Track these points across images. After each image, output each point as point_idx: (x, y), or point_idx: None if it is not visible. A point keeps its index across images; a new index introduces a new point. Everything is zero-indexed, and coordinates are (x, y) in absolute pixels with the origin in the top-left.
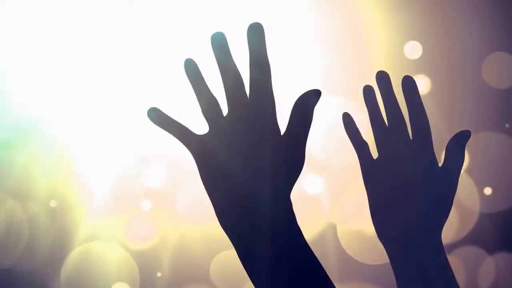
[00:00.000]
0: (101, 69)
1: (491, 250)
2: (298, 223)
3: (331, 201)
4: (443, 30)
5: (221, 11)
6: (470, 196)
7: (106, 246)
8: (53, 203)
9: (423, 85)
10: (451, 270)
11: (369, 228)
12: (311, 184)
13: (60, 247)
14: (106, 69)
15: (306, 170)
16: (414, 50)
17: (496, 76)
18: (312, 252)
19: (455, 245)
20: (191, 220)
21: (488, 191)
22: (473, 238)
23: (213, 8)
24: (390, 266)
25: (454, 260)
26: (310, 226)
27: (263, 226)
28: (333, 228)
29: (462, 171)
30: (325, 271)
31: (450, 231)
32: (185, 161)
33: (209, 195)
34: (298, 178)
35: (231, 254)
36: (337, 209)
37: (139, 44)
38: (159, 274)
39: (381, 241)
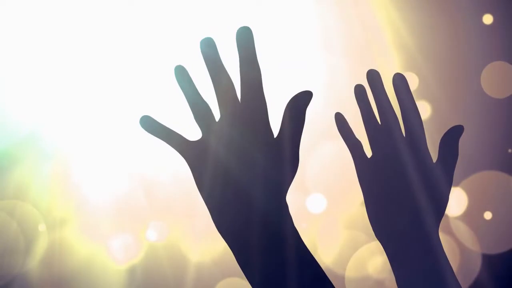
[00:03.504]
0: (90, 79)
1: None
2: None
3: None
4: (439, 57)
5: (210, 16)
6: (469, 239)
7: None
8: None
9: (423, 111)
10: (449, 265)
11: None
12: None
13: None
14: (96, 78)
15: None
16: (411, 80)
17: (497, 87)
18: (310, 253)
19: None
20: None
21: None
22: (478, 282)
23: (202, 14)
24: None
25: None
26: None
27: (261, 228)
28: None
29: (462, 212)
30: (324, 272)
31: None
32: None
33: (205, 201)
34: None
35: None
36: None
37: (128, 53)
38: None
39: (378, 240)
